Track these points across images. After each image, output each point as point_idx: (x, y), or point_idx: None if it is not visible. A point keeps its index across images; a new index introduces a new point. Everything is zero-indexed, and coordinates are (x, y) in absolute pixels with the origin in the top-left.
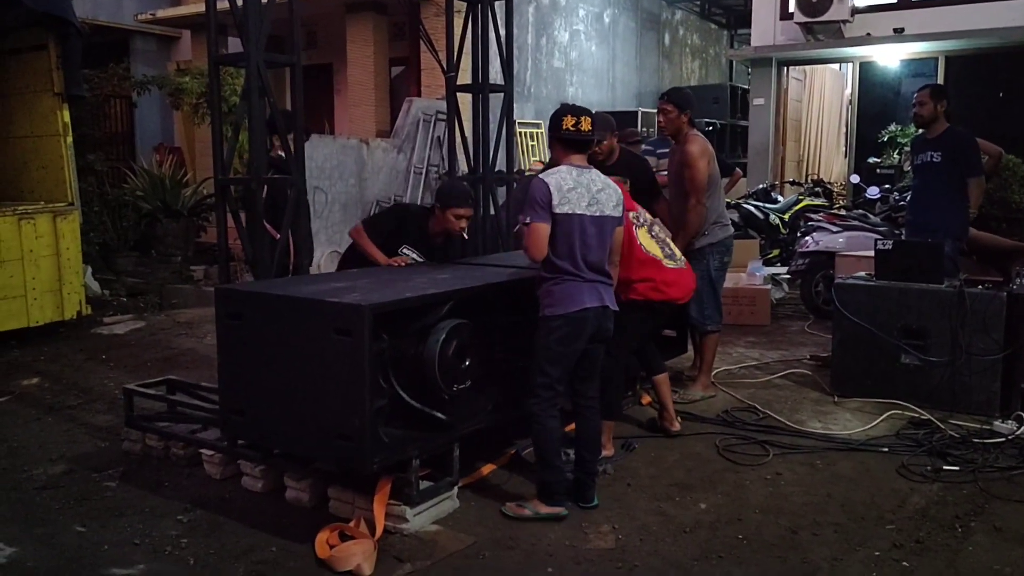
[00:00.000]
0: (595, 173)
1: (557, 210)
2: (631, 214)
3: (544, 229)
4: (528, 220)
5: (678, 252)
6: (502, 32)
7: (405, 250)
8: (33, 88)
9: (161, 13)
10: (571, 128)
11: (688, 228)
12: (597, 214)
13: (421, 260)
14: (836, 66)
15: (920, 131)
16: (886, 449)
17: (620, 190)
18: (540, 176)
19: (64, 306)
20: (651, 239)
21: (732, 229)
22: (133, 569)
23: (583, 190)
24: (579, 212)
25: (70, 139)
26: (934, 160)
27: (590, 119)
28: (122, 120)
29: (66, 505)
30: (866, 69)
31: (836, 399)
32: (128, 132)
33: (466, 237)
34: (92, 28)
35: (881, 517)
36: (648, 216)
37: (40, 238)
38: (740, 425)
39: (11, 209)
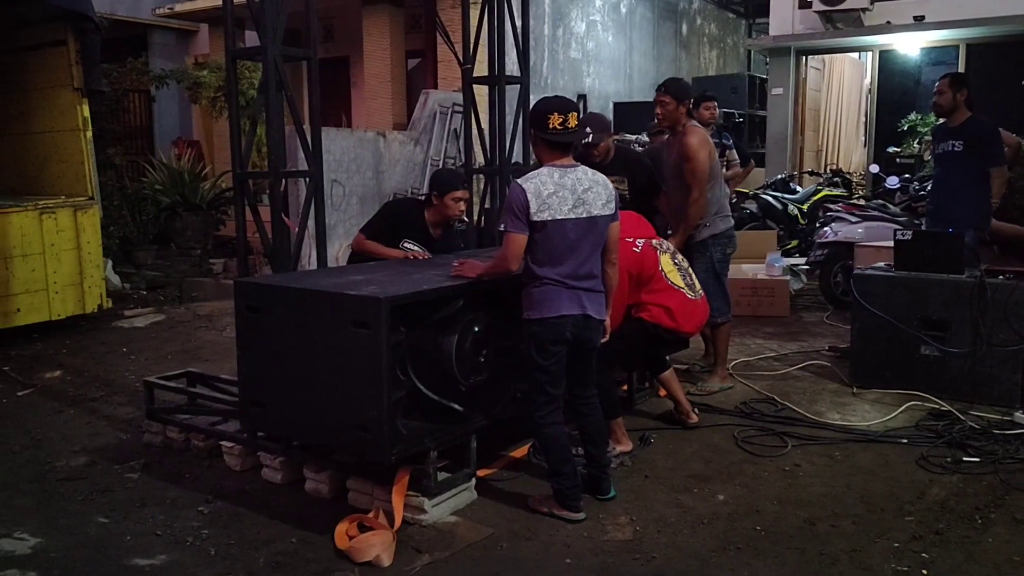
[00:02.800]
0: (581, 171)
1: (536, 218)
2: (653, 241)
3: (519, 240)
4: (503, 228)
5: (697, 284)
6: (518, 23)
7: (407, 244)
8: (53, 83)
9: (179, 7)
10: (558, 127)
11: (689, 220)
12: (584, 216)
13: (427, 254)
14: (855, 55)
15: (941, 120)
16: (905, 440)
17: (611, 185)
18: (518, 181)
19: (85, 300)
20: (674, 267)
21: (732, 221)
22: (155, 559)
23: (566, 192)
24: (560, 217)
25: (90, 134)
26: (955, 149)
27: (576, 113)
28: (141, 114)
29: (89, 496)
30: (886, 58)
31: (855, 390)
32: (147, 126)
33: (465, 220)
34: (110, 23)
35: (900, 509)
36: (668, 244)
37: (61, 232)
38: (758, 416)
39: (32, 204)
